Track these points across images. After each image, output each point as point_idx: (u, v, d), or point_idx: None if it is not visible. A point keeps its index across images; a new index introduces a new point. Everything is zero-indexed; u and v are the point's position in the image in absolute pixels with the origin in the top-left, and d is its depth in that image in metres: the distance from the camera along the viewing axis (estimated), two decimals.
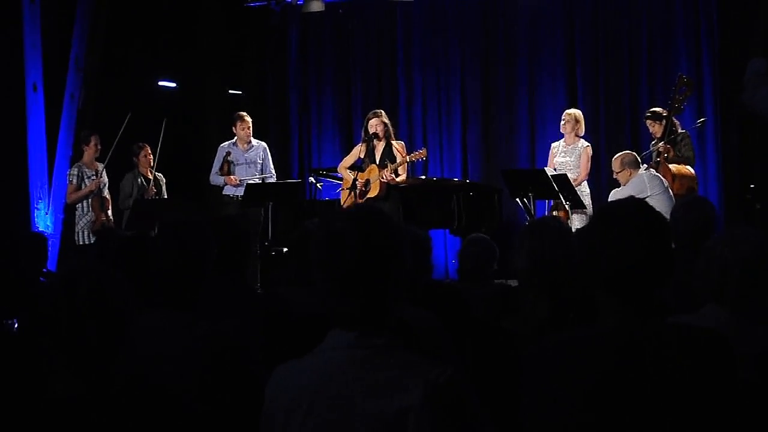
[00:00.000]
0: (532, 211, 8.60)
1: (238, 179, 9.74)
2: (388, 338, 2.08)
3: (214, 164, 9.92)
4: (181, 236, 3.06)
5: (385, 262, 2.07)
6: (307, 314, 3.57)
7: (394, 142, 9.34)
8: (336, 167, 10.20)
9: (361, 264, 2.06)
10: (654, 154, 8.53)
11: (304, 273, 4.26)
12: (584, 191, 9.11)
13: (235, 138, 9.95)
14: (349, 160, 9.65)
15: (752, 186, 9.40)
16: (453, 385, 2.01)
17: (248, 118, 9.94)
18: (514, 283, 5.39)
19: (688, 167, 8.52)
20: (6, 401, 2.24)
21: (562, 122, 9.37)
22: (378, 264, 2.07)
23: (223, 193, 9.92)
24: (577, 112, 9.42)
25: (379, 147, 9.31)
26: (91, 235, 9.48)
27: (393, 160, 9.19)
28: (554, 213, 8.86)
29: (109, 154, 9.53)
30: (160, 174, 10.01)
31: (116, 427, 2.32)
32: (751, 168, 9.78)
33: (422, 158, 9.39)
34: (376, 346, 2.06)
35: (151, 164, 9.82)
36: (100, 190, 9.60)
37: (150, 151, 9.80)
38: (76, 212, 9.61)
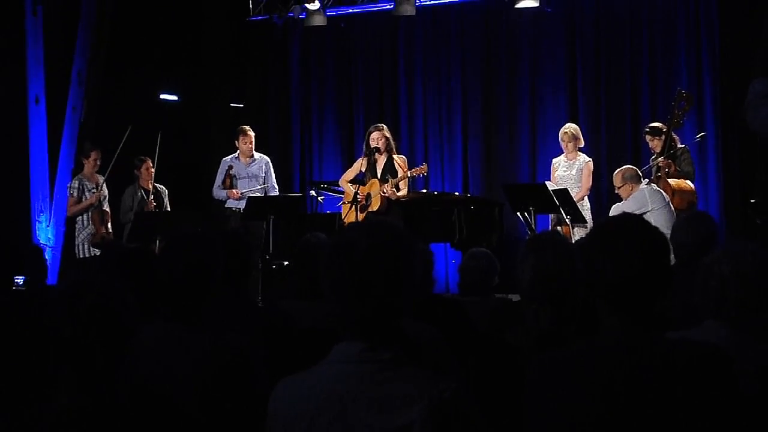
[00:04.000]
0: (533, 226, 8.60)
1: (240, 193, 9.76)
2: (394, 352, 2.08)
3: (217, 178, 9.95)
4: (190, 249, 3.06)
5: (393, 272, 2.07)
6: (308, 328, 3.58)
7: (395, 156, 9.35)
8: (337, 181, 10.22)
9: (369, 271, 2.06)
10: (654, 169, 8.54)
11: (306, 286, 4.28)
12: (585, 206, 9.14)
13: (238, 152, 9.98)
14: (350, 173, 9.67)
15: (752, 201, 9.40)
16: (457, 400, 2.01)
17: (251, 132, 9.97)
18: (515, 297, 5.40)
19: (688, 182, 8.53)
20: (10, 414, 2.25)
21: (561, 141, 9.40)
22: (385, 273, 2.07)
23: (225, 206, 9.94)
24: (573, 128, 9.44)
25: (381, 161, 9.33)
26: (91, 247, 9.49)
27: (394, 174, 9.20)
28: (558, 227, 8.87)
29: (110, 167, 9.55)
30: (161, 186, 10.03)
31: None
32: (752, 183, 9.78)
33: (423, 174, 9.41)
34: (381, 361, 2.06)
35: (152, 177, 9.83)
36: (100, 203, 9.60)
37: (151, 164, 9.82)
38: (76, 225, 9.62)
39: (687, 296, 3.09)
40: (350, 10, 11.81)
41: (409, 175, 9.24)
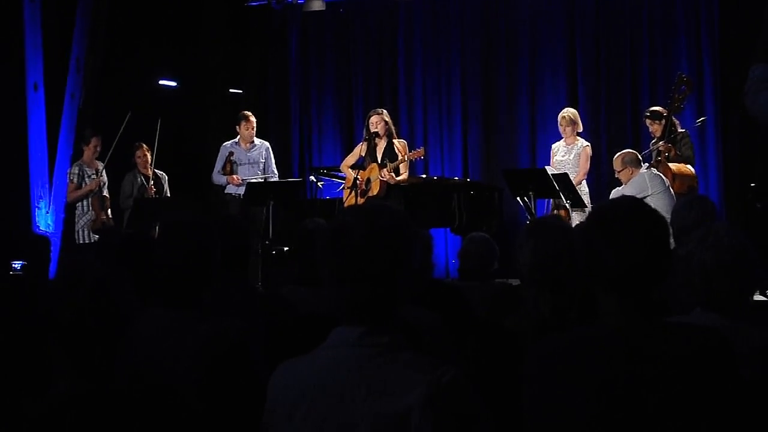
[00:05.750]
0: (533, 210, 8.60)
1: (240, 179, 9.74)
2: (392, 337, 2.08)
3: (217, 163, 9.93)
4: (187, 235, 3.05)
5: (391, 255, 2.07)
6: (308, 313, 3.58)
7: (395, 141, 9.34)
8: (337, 166, 10.21)
9: (367, 255, 2.05)
10: (654, 154, 8.53)
11: (305, 272, 4.28)
12: (583, 190, 9.13)
13: (238, 137, 9.96)
14: (351, 159, 9.66)
15: (753, 185, 9.40)
16: (456, 385, 2.01)
17: (253, 118, 9.96)
18: (515, 281, 5.40)
19: (689, 166, 8.52)
20: (9, 400, 2.25)
21: (559, 126, 9.39)
22: (383, 255, 2.06)
23: (225, 191, 9.94)
24: (571, 113, 9.42)
25: (381, 145, 9.32)
26: (90, 233, 9.49)
27: (394, 158, 9.20)
28: (555, 212, 8.86)
29: (109, 153, 9.54)
30: (161, 172, 10.02)
31: (119, 425, 2.33)
32: (752, 167, 9.78)
33: (420, 157, 9.41)
34: (380, 345, 2.06)
35: (149, 163, 9.82)
36: (100, 189, 9.60)
37: (147, 150, 9.80)
38: (76, 211, 9.62)
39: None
40: None
41: (406, 159, 9.23)
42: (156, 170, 9.91)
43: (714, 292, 2.94)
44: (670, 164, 8.37)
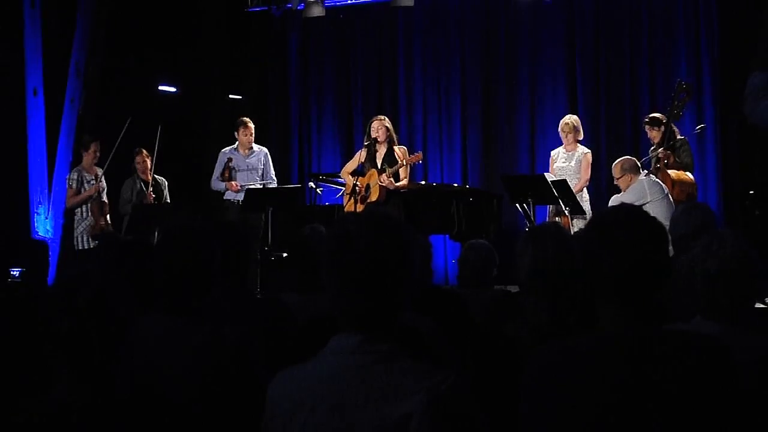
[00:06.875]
0: (532, 217, 8.59)
1: (239, 185, 9.74)
2: (392, 344, 2.08)
3: (216, 169, 9.92)
4: (187, 241, 3.05)
5: (394, 264, 2.07)
6: (308, 319, 3.58)
7: (396, 147, 9.35)
8: (336, 172, 10.21)
9: (370, 263, 2.05)
10: (653, 161, 8.53)
11: (305, 279, 4.28)
12: (584, 197, 9.13)
13: (237, 143, 9.96)
14: (351, 165, 9.66)
15: (751, 192, 9.40)
16: (455, 393, 2.01)
17: (251, 125, 9.95)
18: (514, 288, 5.41)
19: (688, 173, 8.52)
20: (10, 406, 2.24)
21: (561, 132, 9.38)
22: (386, 265, 2.06)
23: (224, 197, 9.93)
24: (573, 120, 9.42)
25: (381, 151, 9.33)
26: (89, 239, 9.48)
27: (393, 164, 9.20)
28: (557, 219, 8.86)
29: (109, 159, 9.53)
30: (161, 178, 10.01)
31: (118, 431, 2.33)
32: (751, 174, 9.78)
33: (419, 161, 9.42)
34: (380, 352, 2.06)
35: (149, 168, 9.80)
36: (99, 195, 9.59)
37: (146, 156, 9.79)
38: (75, 217, 9.60)
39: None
40: (349, 1, 11.80)
41: (405, 163, 9.24)
42: (156, 176, 9.90)
43: (716, 300, 2.94)
44: (669, 171, 8.37)
